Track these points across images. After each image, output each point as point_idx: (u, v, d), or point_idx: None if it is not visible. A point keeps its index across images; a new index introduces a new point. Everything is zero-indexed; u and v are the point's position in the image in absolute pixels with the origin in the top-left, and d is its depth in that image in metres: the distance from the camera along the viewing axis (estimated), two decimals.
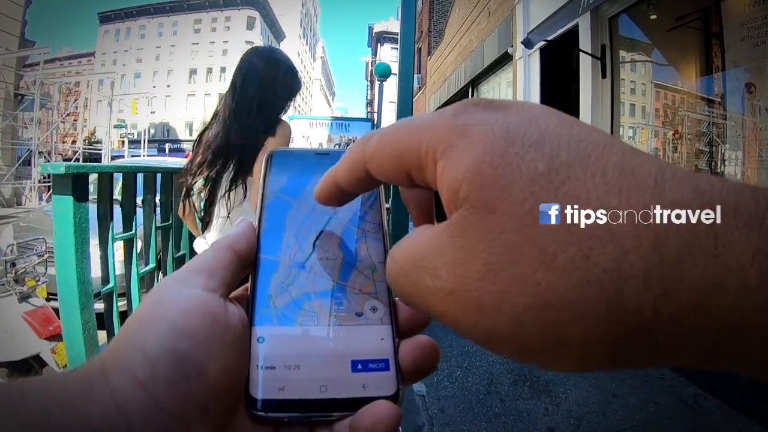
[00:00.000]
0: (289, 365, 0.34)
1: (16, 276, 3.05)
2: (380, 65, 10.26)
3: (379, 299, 0.38)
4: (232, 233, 0.38)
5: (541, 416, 3.31)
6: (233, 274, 0.36)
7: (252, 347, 0.34)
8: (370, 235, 0.40)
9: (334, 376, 0.34)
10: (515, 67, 8.86)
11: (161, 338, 0.29)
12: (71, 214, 2.01)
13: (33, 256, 3.23)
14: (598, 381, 3.85)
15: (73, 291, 2.05)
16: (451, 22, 16.46)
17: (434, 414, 3.31)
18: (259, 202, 0.41)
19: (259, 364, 0.34)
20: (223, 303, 0.33)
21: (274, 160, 0.43)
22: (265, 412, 0.33)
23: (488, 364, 4.13)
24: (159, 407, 0.28)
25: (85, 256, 2.09)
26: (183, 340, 0.30)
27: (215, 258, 0.36)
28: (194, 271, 0.34)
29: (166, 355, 0.29)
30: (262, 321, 0.35)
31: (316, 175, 0.39)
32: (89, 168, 2.21)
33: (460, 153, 0.26)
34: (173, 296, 0.32)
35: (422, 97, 20.75)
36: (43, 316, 3.05)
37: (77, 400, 0.27)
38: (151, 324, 0.30)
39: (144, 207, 2.76)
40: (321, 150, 0.44)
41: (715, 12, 4.54)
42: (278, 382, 0.33)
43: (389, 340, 0.36)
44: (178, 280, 0.34)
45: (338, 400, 0.33)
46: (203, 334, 0.31)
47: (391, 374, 0.35)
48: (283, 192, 0.41)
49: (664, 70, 5.72)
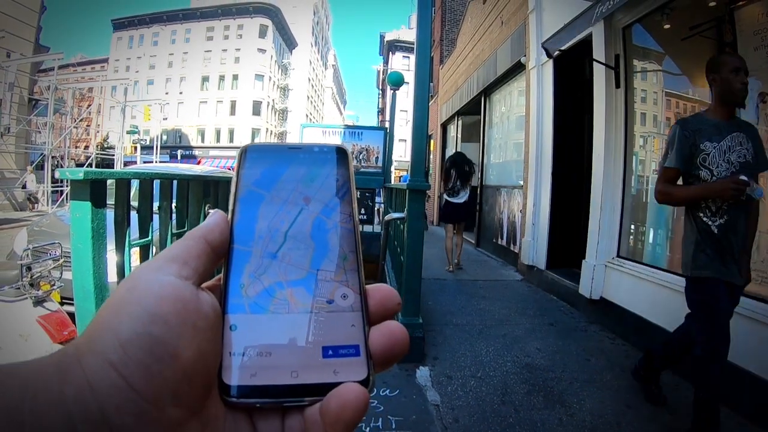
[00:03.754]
0: (261, 352, 0.35)
1: (31, 280, 3.05)
2: (393, 74, 10.28)
3: (349, 287, 0.39)
4: (205, 223, 0.39)
5: (555, 426, 3.28)
6: (206, 263, 0.37)
7: (225, 335, 0.35)
8: (341, 225, 0.41)
9: (305, 362, 0.35)
10: (528, 76, 8.84)
11: (134, 322, 0.30)
12: (89, 220, 2.01)
13: (48, 261, 3.24)
14: (612, 391, 3.82)
15: (89, 296, 2.06)
16: (464, 31, 16.46)
17: (448, 424, 3.28)
18: (232, 194, 0.41)
19: (232, 351, 0.35)
20: (195, 291, 0.34)
21: (249, 155, 0.43)
22: (237, 398, 0.34)
23: (502, 374, 4.11)
24: (132, 390, 0.29)
25: (102, 263, 2.10)
26: (156, 324, 0.31)
27: (189, 247, 0.37)
28: (168, 259, 0.35)
29: (139, 339, 0.30)
30: (235, 309, 0.36)
31: (288, 169, 0.42)
32: (107, 174, 2.22)
33: None
34: (147, 282, 0.33)
35: (434, 106, 20.70)
36: (58, 321, 3.06)
37: (51, 383, 0.28)
38: (124, 308, 0.31)
39: (160, 213, 2.76)
40: (294, 144, 0.45)
41: (729, 21, 4.51)
42: (250, 368, 0.34)
43: (360, 327, 0.37)
44: (153, 268, 0.34)
45: (309, 385, 0.34)
46: (176, 319, 0.31)
47: (361, 359, 0.36)
48: (256, 185, 0.42)
49: (675, 79, 5.69)
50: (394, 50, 56.08)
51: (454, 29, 20.67)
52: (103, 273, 2.11)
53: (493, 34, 11.87)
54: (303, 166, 0.43)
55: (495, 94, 12.34)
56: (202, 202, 3.23)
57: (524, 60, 8.99)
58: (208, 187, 3.41)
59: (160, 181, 2.76)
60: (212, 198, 3.41)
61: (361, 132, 8.87)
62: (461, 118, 16.56)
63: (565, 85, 7.85)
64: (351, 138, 8.60)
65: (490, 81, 11.81)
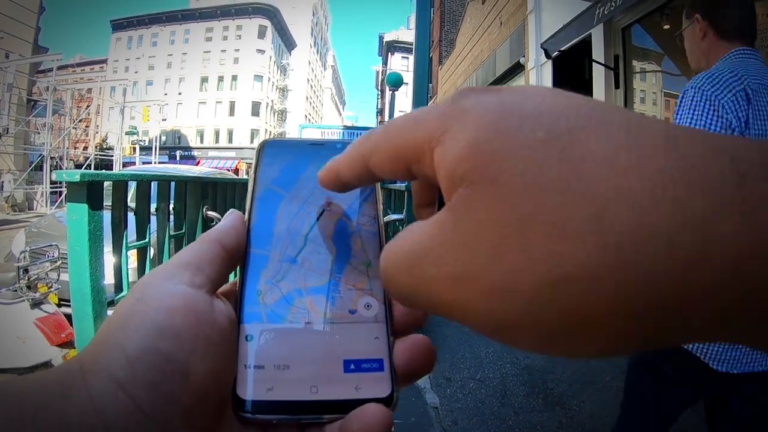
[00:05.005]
0: (278, 365, 0.32)
1: (28, 282, 3.04)
2: (392, 75, 10.31)
3: (373, 296, 0.36)
4: (220, 225, 0.36)
5: (555, 429, 3.28)
6: (221, 269, 0.34)
7: (240, 346, 0.33)
8: (365, 228, 0.39)
9: (326, 376, 0.33)
10: (527, 76, 8.85)
11: (143, 337, 0.28)
12: (86, 222, 2.00)
13: (46, 263, 3.23)
14: (612, 393, 3.81)
15: (86, 299, 2.05)
16: (463, 32, 16.49)
17: (447, 426, 3.28)
18: (250, 193, 0.39)
19: (247, 363, 0.32)
20: (209, 300, 0.32)
21: (267, 150, 0.41)
22: (252, 414, 0.31)
23: (502, 376, 4.11)
24: (139, 410, 0.26)
25: (99, 265, 2.09)
26: (166, 339, 0.28)
27: (203, 251, 0.34)
28: (180, 266, 0.33)
29: (148, 356, 0.27)
30: (251, 318, 0.34)
31: (309, 167, 0.39)
32: (104, 176, 2.21)
33: (455, 136, 0.24)
34: (157, 292, 0.30)
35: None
36: (56, 323, 3.05)
37: (54, 402, 0.25)
38: (132, 321, 0.29)
39: (157, 215, 2.75)
40: (315, 140, 0.42)
41: None
42: (267, 382, 0.32)
43: (384, 339, 0.35)
44: (163, 275, 0.32)
45: (329, 401, 0.32)
46: (188, 333, 0.29)
47: (385, 375, 0.33)
48: (274, 183, 0.39)
49: (675, 80, 5.70)
50: (393, 51, 56.22)
51: (453, 30, 20.71)
52: (100, 275, 2.10)
53: (492, 35, 11.89)
54: (325, 163, 0.39)
55: None
56: (200, 203, 3.22)
57: (523, 60, 9.01)
58: (206, 188, 3.40)
59: (158, 182, 2.75)
60: (210, 199, 3.40)
61: (360, 133, 8.83)
62: None
63: (565, 86, 7.83)
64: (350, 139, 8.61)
65: (489, 81, 11.85)
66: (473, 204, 0.22)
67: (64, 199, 19.87)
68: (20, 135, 21.59)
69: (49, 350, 2.93)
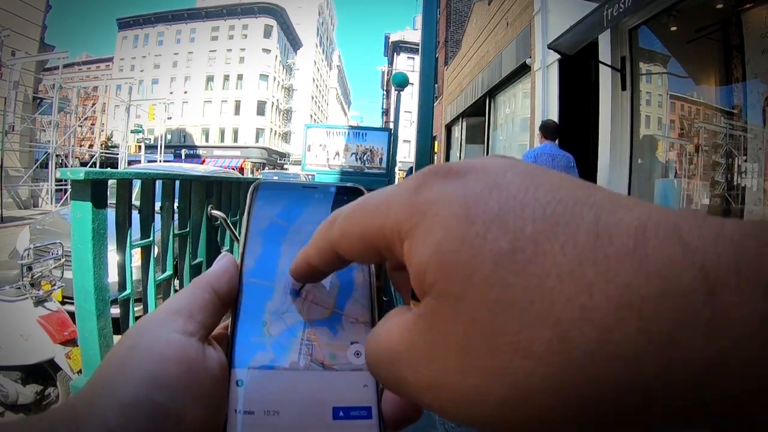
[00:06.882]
0: (268, 410, 0.33)
1: (32, 280, 3.05)
2: (398, 75, 10.26)
3: (362, 344, 0.36)
4: (213, 269, 0.37)
5: None
6: (213, 315, 0.35)
7: (230, 390, 0.33)
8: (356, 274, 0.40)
9: (315, 423, 0.33)
10: (533, 78, 8.83)
11: (136, 387, 0.29)
12: (90, 221, 1.99)
13: (50, 260, 3.23)
14: None
15: (89, 297, 2.04)
16: (469, 32, 16.49)
17: (450, 428, 3.26)
18: (243, 236, 0.39)
19: (238, 408, 0.33)
20: (201, 348, 0.33)
21: (261, 193, 0.41)
22: None
23: None
24: None
25: (103, 263, 2.08)
26: (159, 389, 0.29)
27: (195, 297, 0.35)
28: (173, 312, 0.34)
29: (141, 405, 0.28)
30: (242, 363, 0.35)
31: (305, 209, 0.40)
32: (108, 174, 2.21)
33: (422, 237, 0.25)
34: (150, 341, 0.31)
35: (439, 107, 20.70)
36: (59, 321, 3.06)
37: None
38: (126, 370, 0.30)
39: (162, 214, 2.75)
40: (308, 183, 0.43)
41: (736, 23, 4.51)
42: (256, 428, 0.32)
43: (372, 387, 0.36)
44: (157, 322, 0.33)
45: None
46: (180, 382, 0.30)
47: (373, 422, 0.34)
48: (270, 227, 0.40)
49: (680, 82, 5.69)
50: (398, 51, 56.24)
51: (459, 30, 20.71)
52: (104, 274, 2.09)
53: (498, 36, 11.88)
54: (319, 206, 0.41)
55: (500, 95, 12.37)
56: (205, 202, 3.22)
57: (529, 62, 9.00)
58: (211, 187, 3.40)
59: (163, 181, 2.74)
60: (215, 198, 3.39)
61: (366, 133, 8.81)
62: (466, 119, 16.58)
63: (571, 87, 7.84)
64: (355, 139, 8.55)
65: (495, 82, 11.85)
66: (441, 318, 0.23)
67: (68, 196, 19.93)
68: (26, 132, 21.61)
69: (52, 348, 2.94)
